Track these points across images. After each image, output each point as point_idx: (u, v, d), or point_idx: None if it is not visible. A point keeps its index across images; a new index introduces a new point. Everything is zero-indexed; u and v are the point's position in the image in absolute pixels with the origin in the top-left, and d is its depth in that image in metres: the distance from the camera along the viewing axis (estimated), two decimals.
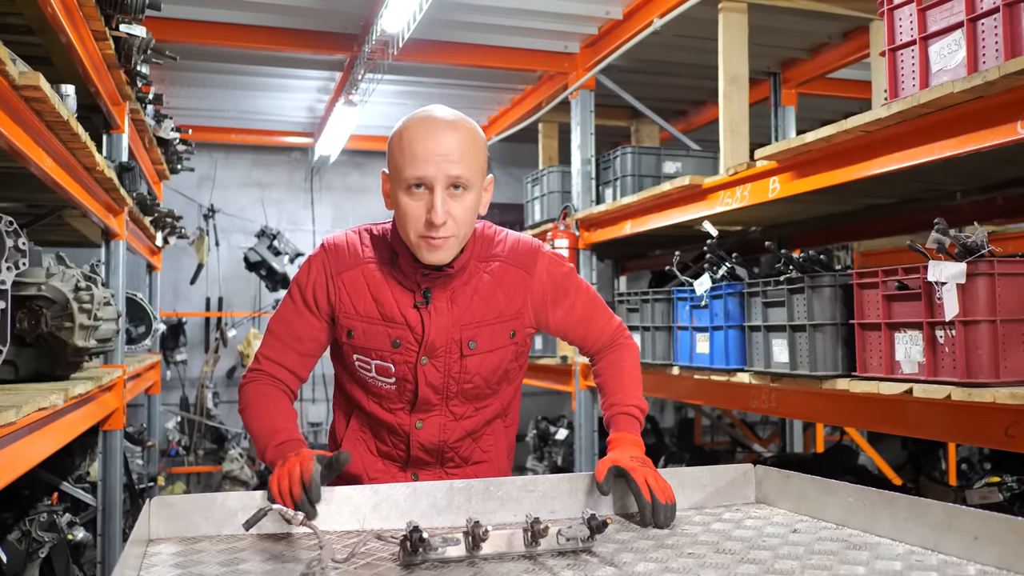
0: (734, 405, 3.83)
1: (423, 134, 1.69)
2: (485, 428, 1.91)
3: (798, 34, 4.80)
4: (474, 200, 1.74)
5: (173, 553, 1.41)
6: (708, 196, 3.81)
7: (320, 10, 4.80)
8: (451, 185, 1.68)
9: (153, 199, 4.48)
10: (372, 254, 1.83)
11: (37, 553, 2.94)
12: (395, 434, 1.85)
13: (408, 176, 1.68)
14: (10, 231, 1.97)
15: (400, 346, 1.78)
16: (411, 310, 1.78)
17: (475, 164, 1.73)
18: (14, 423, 1.89)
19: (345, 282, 1.81)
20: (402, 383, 1.81)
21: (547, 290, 1.88)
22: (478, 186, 1.75)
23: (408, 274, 1.78)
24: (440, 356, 1.79)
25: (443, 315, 1.78)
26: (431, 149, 1.67)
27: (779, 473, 1.71)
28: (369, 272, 1.81)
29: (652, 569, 1.28)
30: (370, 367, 1.81)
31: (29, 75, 1.98)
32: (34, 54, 2.85)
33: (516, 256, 1.87)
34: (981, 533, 1.28)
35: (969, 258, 2.28)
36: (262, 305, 7.96)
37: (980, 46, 2.28)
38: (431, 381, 1.80)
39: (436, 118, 1.72)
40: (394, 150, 1.72)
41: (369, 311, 1.79)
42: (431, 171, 1.67)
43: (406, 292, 1.79)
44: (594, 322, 1.96)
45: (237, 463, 7.04)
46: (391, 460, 1.89)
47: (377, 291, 1.80)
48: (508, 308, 1.84)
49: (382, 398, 1.84)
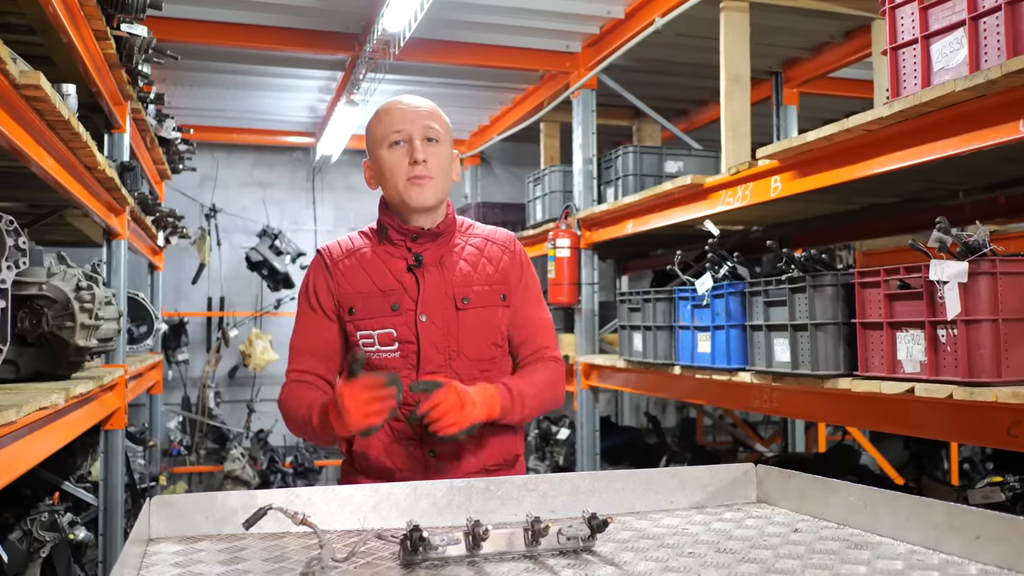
0: (736, 405, 3.83)
1: (396, 103, 1.98)
2: None
3: (800, 33, 4.80)
4: (447, 153, 1.97)
5: (173, 552, 1.41)
6: (710, 195, 3.80)
7: (322, 10, 4.80)
8: (426, 137, 1.93)
9: (155, 199, 4.48)
10: (363, 242, 2.01)
11: (38, 552, 2.94)
12: (404, 405, 1.86)
13: (388, 133, 1.93)
14: (11, 230, 1.97)
15: (399, 308, 1.91)
16: (405, 274, 1.94)
17: (443, 124, 1.99)
18: (15, 422, 1.89)
19: (341, 269, 1.97)
20: (405, 346, 1.90)
21: (519, 275, 2.03)
22: (448, 145, 1.99)
23: (398, 243, 1.96)
24: (437, 312, 1.91)
25: (435, 275, 1.94)
26: (405, 110, 1.96)
27: (780, 472, 1.71)
28: (362, 256, 1.98)
29: (653, 568, 1.28)
30: (372, 339, 1.92)
31: (30, 74, 1.98)
32: (35, 53, 2.85)
33: (495, 236, 2.07)
34: (983, 532, 1.28)
35: (971, 257, 2.28)
36: (264, 305, 7.97)
37: (982, 45, 2.28)
38: (432, 339, 1.90)
39: (403, 96, 2.02)
40: (372, 126, 1.98)
41: (366, 287, 1.94)
42: (407, 125, 1.93)
43: (398, 260, 1.95)
44: (541, 335, 2.04)
45: (239, 463, 7.05)
46: (408, 440, 1.91)
47: (371, 268, 1.96)
48: (495, 274, 1.99)
49: (388, 370, 1.88)
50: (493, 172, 8.35)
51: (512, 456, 2.00)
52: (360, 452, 1.92)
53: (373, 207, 2.01)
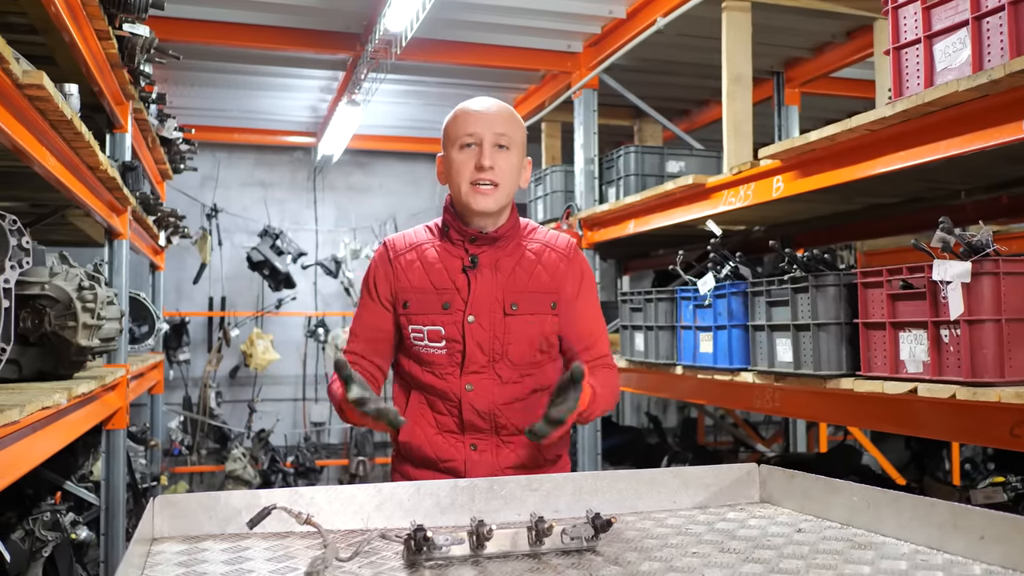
0: (738, 405, 3.82)
1: (473, 106, 2.02)
2: (532, 397, 2.00)
3: (802, 33, 4.79)
4: (517, 161, 2.01)
5: (177, 552, 1.41)
6: (711, 195, 3.80)
7: (323, 9, 4.80)
8: (496, 143, 1.97)
9: (156, 199, 4.48)
10: (426, 237, 2.07)
11: (41, 552, 2.94)
12: (448, 400, 1.98)
13: (460, 134, 1.98)
14: (14, 230, 1.97)
15: (449, 308, 1.97)
16: (459, 275, 1.99)
17: (516, 132, 2.02)
18: (17, 422, 1.89)
19: (402, 263, 2.03)
20: (451, 344, 1.96)
21: (577, 281, 2.07)
22: (520, 151, 2.02)
23: (457, 242, 2.01)
24: (485, 315, 1.96)
25: (488, 278, 1.99)
26: (480, 113, 1.99)
27: (783, 472, 1.71)
28: (422, 251, 2.04)
29: (656, 568, 1.28)
30: (422, 334, 1.98)
31: (33, 74, 1.98)
32: (38, 53, 2.85)
33: (556, 242, 2.09)
34: (987, 532, 1.28)
35: (974, 257, 2.27)
36: (265, 305, 7.97)
37: (985, 44, 2.27)
38: (478, 340, 1.96)
39: (484, 97, 2.05)
40: (448, 125, 2.02)
41: (422, 283, 2.00)
42: (480, 128, 1.97)
43: (455, 260, 2.01)
44: (600, 340, 2.11)
45: (240, 463, 7.05)
46: (449, 432, 2.00)
47: (429, 265, 2.01)
48: (549, 283, 2.02)
49: (434, 365, 1.99)
50: None
51: (554, 456, 2.05)
52: (405, 442, 2.01)
53: (375, 207, 2.01)
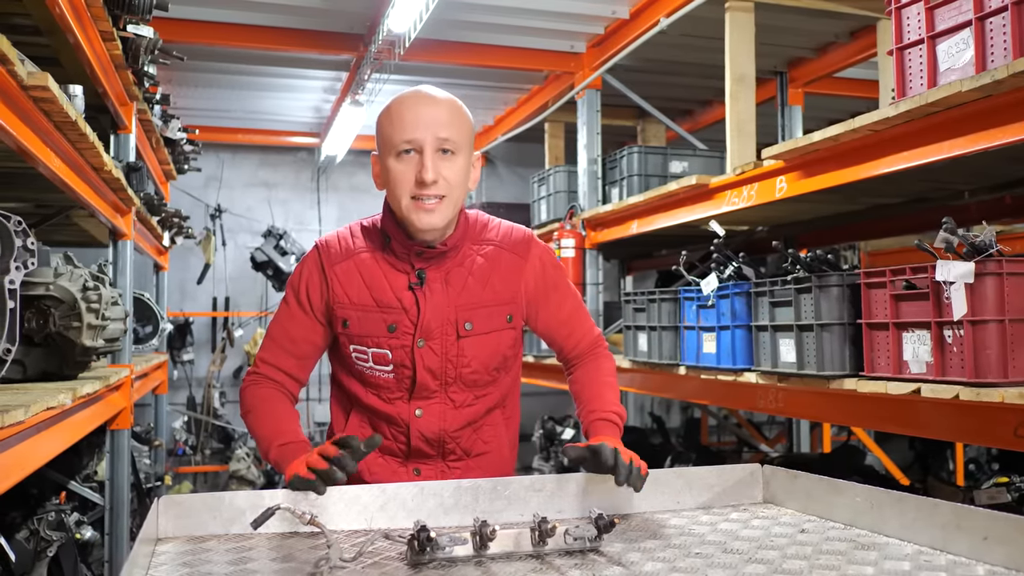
0: (741, 405, 3.82)
1: (412, 103, 1.75)
2: (485, 418, 1.90)
3: (805, 33, 4.79)
4: (463, 165, 1.76)
5: (181, 552, 1.41)
6: (715, 196, 3.80)
7: (326, 10, 4.81)
8: (440, 148, 1.72)
9: (160, 199, 4.49)
10: (364, 244, 1.84)
11: (45, 552, 2.95)
12: (395, 425, 1.83)
13: (398, 141, 1.72)
14: (19, 231, 1.97)
15: (396, 330, 1.78)
16: (406, 292, 1.78)
17: (463, 131, 1.76)
18: (22, 422, 1.89)
19: (338, 274, 1.81)
20: (400, 369, 1.80)
21: (539, 278, 1.89)
22: (466, 152, 1.78)
23: (401, 256, 1.79)
24: (436, 338, 1.78)
25: (438, 295, 1.79)
26: (419, 114, 1.72)
27: (786, 473, 1.71)
28: (361, 261, 1.82)
29: (660, 568, 1.28)
30: (367, 356, 1.81)
31: (37, 75, 1.98)
32: (42, 55, 2.86)
33: (510, 242, 1.88)
34: (990, 533, 1.28)
35: (977, 257, 2.27)
36: (269, 305, 7.98)
37: (988, 45, 2.27)
38: (429, 365, 1.79)
39: (423, 90, 1.79)
40: (383, 123, 1.77)
41: (363, 299, 1.80)
42: (420, 133, 1.71)
43: (399, 275, 1.80)
44: (579, 325, 1.97)
45: (244, 463, 7.06)
46: (392, 455, 1.86)
47: (370, 279, 1.80)
48: (503, 292, 1.84)
49: (380, 388, 1.83)
50: (498, 172, 8.36)
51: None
52: None
53: (378, 207, 1.88)
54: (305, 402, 8.04)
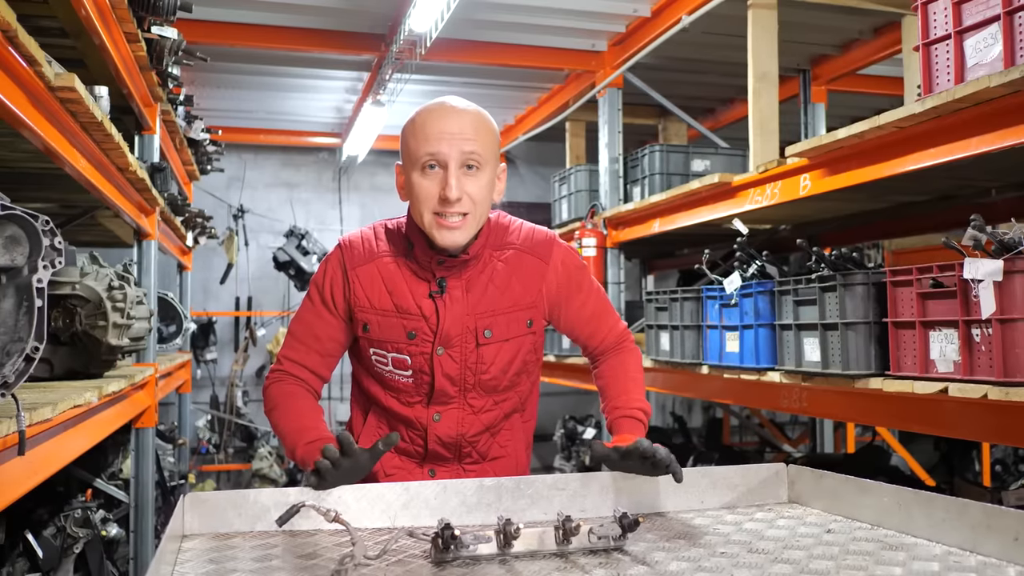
0: (764, 405, 3.79)
1: (436, 116, 1.73)
2: (503, 422, 1.90)
3: (828, 30, 4.75)
4: (488, 180, 1.75)
5: (207, 548, 1.42)
6: (737, 194, 3.78)
7: (348, 10, 4.83)
8: (465, 164, 1.71)
9: (184, 199, 4.52)
10: (387, 247, 1.83)
11: (72, 548, 2.98)
12: (413, 428, 1.84)
13: (422, 155, 1.70)
14: (46, 230, 1.99)
15: (416, 337, 1.78)
16: (426, 300, 1.78)
17: (488, 144, 1.75)
18: (50, 420, 1.91)
19: (360, 277, 1.81)
20: (419, 375, 1.80)
21: (561, 281, 1.88)
22: (492, 167, 1.76)
23: (423, 263, 1.79)
24: (456, 346, 1.78)
25: (458, 304, 1.78)
26: (444, 128, 1.70)
27: (812, 473, 1.69)
28: (383, 265, 1.81)
29: (685, 568, 1.27)
30: (387, 360, 1.81)
31: (64, 76, 2.00)
32: (68, 56, 2.89)
33: (531, 245, 1.86)
34: (1021, 534, 1.26)
35: (1006, 255, 2.24)
36: (291, 304, 8.03)
37: (1017, 39, 2.24)
38: (448, 372, 1.79)
39: (448, 102, 1.77)
40: (407, 135, 1.75)
41: (384, 304, 1.79)
42: (444, 148, 1.69)
43: (421, 282, 1.79)
44: (603, 321, 1.96)
45: (266, 461, 7.11)
46: (408, 456, 1.87)
47: (391, 284, 1.80)
48: (524, 297, 1.83)
49: (399, 392, 1.84)
50: (519, 172, 8.36)
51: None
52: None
53: (400, 207, 1.84)
54: (327, 400, 8.08)
